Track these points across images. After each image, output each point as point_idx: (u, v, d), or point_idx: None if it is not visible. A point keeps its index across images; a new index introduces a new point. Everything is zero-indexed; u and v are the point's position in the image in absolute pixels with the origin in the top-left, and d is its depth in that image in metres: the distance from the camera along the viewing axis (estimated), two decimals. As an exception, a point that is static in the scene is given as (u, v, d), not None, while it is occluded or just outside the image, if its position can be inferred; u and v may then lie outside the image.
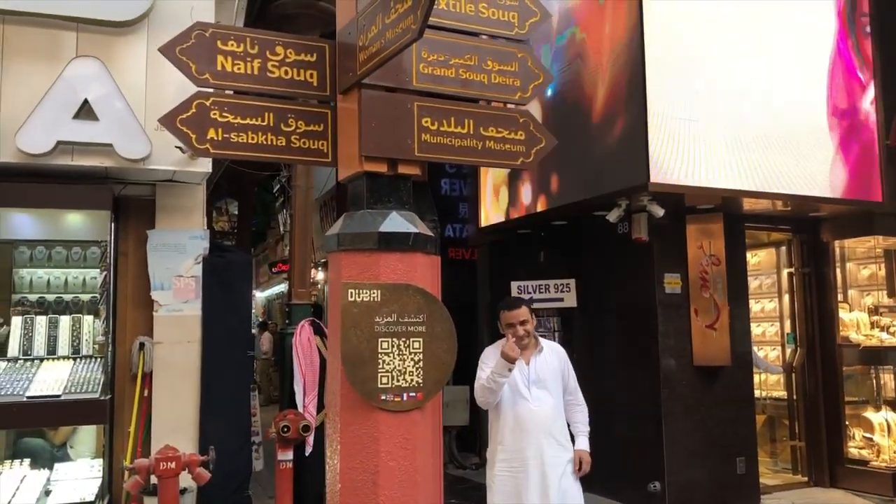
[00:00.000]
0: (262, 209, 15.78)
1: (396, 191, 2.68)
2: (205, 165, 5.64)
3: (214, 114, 2.70)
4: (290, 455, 5.69)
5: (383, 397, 2.49)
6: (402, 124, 2.75)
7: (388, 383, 2.50)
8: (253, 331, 17.81)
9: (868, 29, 7.26)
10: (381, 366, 2.50)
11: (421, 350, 2.55)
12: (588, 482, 4.25)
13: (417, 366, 2.54)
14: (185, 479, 5.23)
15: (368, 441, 2.49)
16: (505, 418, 4.08)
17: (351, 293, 2.47)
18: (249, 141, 2.74)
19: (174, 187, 5.95)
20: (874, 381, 8.20)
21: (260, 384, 15.98)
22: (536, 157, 3.11)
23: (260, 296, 18.60)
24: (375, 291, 2.50)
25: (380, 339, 2.50)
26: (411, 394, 2.53)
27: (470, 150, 2.91)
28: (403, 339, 2.53)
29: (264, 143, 2.76)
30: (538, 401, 4.05)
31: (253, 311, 19.19)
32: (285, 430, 5.34)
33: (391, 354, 2.51)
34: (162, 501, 5.03)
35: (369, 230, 2.54)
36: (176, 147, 5.44)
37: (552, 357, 4.21)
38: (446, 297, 2.74)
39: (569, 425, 4.22)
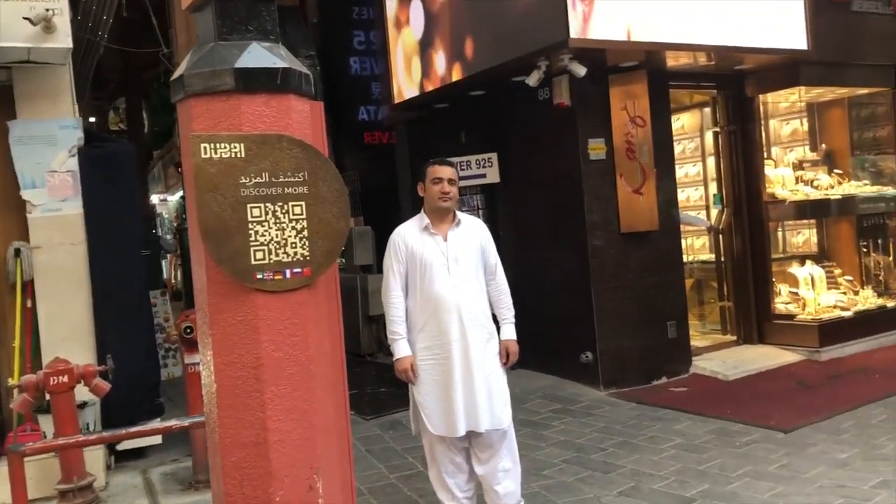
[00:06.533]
0: (162, 107, 14.69)
1: (257, 17, 2.09)
2: (64, 41, 4.90)
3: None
4: (197, 358, 5.23)
5: (259, 276, 2.00)
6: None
7: (264, 259, 2.01)
8: (168, 237, 17.01)
9: None
10: (253, 238, 2.00)
11: (304, 216, 2.06)
12: (521, 360, 3.97)
13: (301, 235, 2.06)
14: (85, 393, 4.78)
15: (246, 330, 2.02)
16: (424, 301, 3.68)
17: (205, 149, 1.94)
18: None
19: (34, 70, 5.19)
20: (799, 236, 8.22)
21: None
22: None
23: (171, 199, 17.68)
24: (237, 145, 1.97)
25: (249, 206, 2.00)
26: (296, 269, 2.05)
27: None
28: (280, 204, 2.03)
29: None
30: (459, 278, 3.65)
31: (166, 215, 18.32)
32: (188, 331, 4.84)
33: (266, 223, 2.02)
34: (58, 419, 4.57)
35: (223, 66, 1.98)
36: (24, 18, 4.72)
37: (472, 231, 3.79)
38: (366, 183, 2.25)
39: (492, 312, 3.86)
